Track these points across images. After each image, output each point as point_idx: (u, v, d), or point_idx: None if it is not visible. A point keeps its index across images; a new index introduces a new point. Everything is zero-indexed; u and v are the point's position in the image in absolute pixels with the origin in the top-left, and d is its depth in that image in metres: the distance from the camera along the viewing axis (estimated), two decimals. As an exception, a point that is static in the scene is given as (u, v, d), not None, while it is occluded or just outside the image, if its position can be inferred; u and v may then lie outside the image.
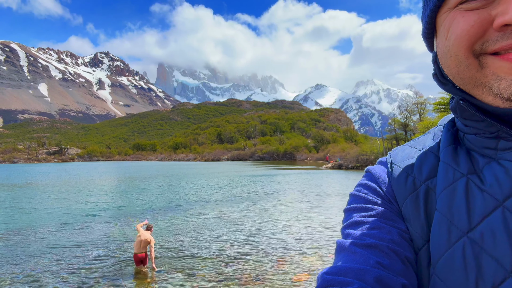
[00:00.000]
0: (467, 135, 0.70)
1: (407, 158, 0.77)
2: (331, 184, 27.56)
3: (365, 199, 0.76)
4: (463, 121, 0.69)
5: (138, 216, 14.43)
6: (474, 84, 0.61)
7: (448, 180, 0.66)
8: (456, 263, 0.59)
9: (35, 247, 10.02)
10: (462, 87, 0.64)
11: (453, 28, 0.60)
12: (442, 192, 0.66)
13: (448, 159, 0.69)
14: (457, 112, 0.70)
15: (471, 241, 0.58)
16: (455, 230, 0.61)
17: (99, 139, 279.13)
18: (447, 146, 0.71)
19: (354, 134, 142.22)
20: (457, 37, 0.60)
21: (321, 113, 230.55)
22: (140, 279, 7.51)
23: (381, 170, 0.80)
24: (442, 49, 0.64)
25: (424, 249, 0.66)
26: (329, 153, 76.38)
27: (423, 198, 0.68)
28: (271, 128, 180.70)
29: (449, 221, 0.62)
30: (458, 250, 0.59)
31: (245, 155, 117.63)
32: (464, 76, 0.62)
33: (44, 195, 22.76)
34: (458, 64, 0.61)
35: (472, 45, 0.58)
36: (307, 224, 12.54)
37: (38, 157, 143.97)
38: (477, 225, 0.59)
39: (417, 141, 0.82)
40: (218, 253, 9.19)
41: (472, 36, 0.58)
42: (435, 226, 0.64)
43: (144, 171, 54.67)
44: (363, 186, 0.80)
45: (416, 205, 0.69)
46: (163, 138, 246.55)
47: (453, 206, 0.63)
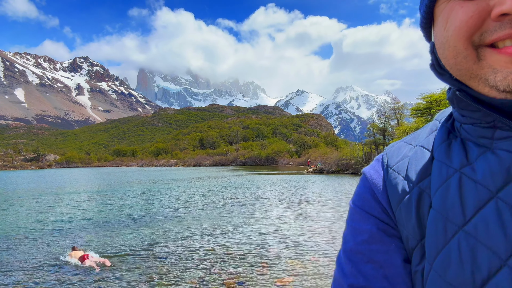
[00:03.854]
0: (464, 125, 0.70)
1: (401, 160, 0.78)
2: (312, 188, 27.97)
3: (360, 214, 0.79)
4: (460, 111, 0.69)
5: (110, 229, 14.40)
6: (471, 75, 0.61)
7: (442, 178, 0.67)
8: (452, 257, 0.60)
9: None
10: (459, 78, 0.65)
11: (451, 19, 0.60)
12: (437, 191, 0.67)
13: (442, 156, 0.70)
14: (454, 103, 0.70)
15: (466, 234, 0.59)
16: (451, 225, 0.62)
17: (78, 145, 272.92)
18: (441, 143, 0.72)
19: (335, 139, 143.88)
20: (456, 28, 0.60)
21: (302, 119, 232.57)
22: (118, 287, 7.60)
23: (376, 174, 0.81)
24: (440, 39, 0.64)
25: (418, 248, 0.69)
26: (311, 158, 77.11)
27: (415, 200, 0.70)
28: (253, 133, 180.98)
29: (445, 217, 0.63)
30: (454, 244, 0.61)
31: (227, 160, 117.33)
32: (461, 67, 0.62)
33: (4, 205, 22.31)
34: (456, 55, 0.61)
35: (471, 36, 0.59)
36: (289, 228, 12.80)
37: (14, 164, 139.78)
38: (471, 218, 0.60)
39: (413, 136, 0.83)
40: (200, 258, 9.26)
41: (471, 27, 0.58)
42: (431, 224, 0.65)
43: (124, 177, 53.96)
44: (358, 196, 0.82)
45: (408, 209, 0.71)
46: (144, 144, 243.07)
47: (447, 203, 0.64)
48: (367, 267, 0.73)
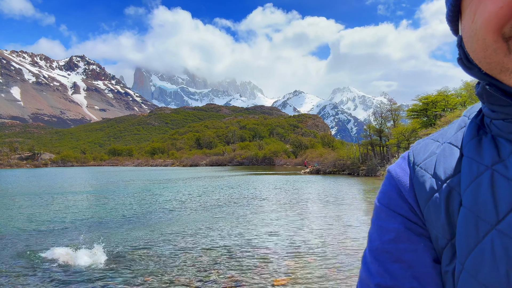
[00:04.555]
0: (494, 121, 0.68)
1: (428, 157, 0.76)
2: (309, 189, 27.96)
3: (386, 213, 0.77)
4: (490, 107, 0.67)
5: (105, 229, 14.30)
6: (501, 69, 0.59)
7: (473, 175, 0.65)
8: (485, 257, 0.58)
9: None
10: (489, 72, 0.63)
11: (480, 11, 0.58)
12: (467, 188, 0.65)
13: (472, 153, 0.68)
14: (483, 98, 0.68)
15: (500, 233, 0.57)
16: (483, 223, 0.60)
17: (73, 144, 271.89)
18: (470, 140, 0.70)
19: (331, 139, 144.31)
20: (484, 20, 0.57)
21: (299, 119, 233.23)
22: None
23: (402, 172, 0.79)
24: (468, 32, 0.62)
25: (448, 247, 0.67)
26: (307, 158, 77.22)
27: (444, 198, 0.68)
28: (250, 133, 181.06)
29: (476, 215, 0.61)
30: (487, 243, 0.59)
31: (224, 160, 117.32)
32: (491, 60, 0.60)
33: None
34: (485, 48, 0.59)
35: (501, 28, 0.56)
36: (286, 229, 12.74)
37: (10, 163, 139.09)
38: (505, 216, 0.58)
39: (441, 133, 0.81)
40: (196, 259, 9.19)
41: (501, 19, 0.56)
42: (461, 223, 0.63)
43: (119, 177, 53.75)
44: (384, 194, 0.80)
45: (437, 207, 0.69)
46: (140, 143, 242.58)
47: (479, 200, 0.62)
48: (395, 266, 0.71)
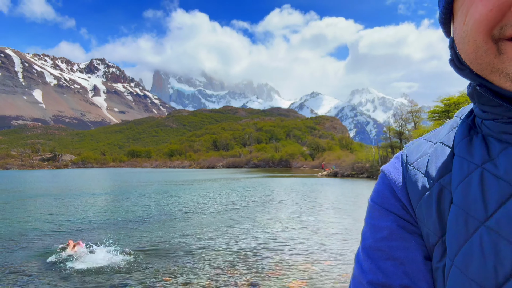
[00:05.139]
0: (485, 121, 0.70)
1: (421, 156, 0.77)
2: (326, 192, 27.47)
3: (379, 211, 0.78)
4: (481, 107, 0.69)
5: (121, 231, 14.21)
6: (492, 69, 0.61)
7: (463, 173, 0.66)
8: (474, 253, 0.60)
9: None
10: (479, 73, 0.64)
11: (471, 13, 0.60)
12: (458, 186, 0.66)
13: (463, 152, 0.69)
14: (474, 98, 0.70)
15: (488, 229, 0.59)
16: (472, 220, 0.61)
17: (93, 145, 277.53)
18: (461, 139, 0.72)
19: (350, 142, 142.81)
20: (475, 22, 0.59)
21: (317, 121, 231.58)
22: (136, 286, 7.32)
23: (395, 171, 0.81)
24: (459, 34, 0.64)
25: (438, 244, 0.68)
26: (325, 161, 76.45)
27: (436, 196, 0.69)
28: (266, 135, 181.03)
29: (466, 213, 0.63)
30: (476, 240, 0.60)
31: (240, 162, 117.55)
32: (481, 61, 0.61)
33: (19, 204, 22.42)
34: (476, 49, 0.61)
35: (491, 29, 0.58)
36: (303, 232, 12.39)
37: (32, 164, 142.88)
38: (493, 213, 0.59)
39: (433, 133, 0.82)
40: (212, 261, 9.00)
41: (491, 21, 0.57)
42: (452, 220, 0.65)
43: (138, 178, 54.27)
44: (377, 193, 0.82)
45: (429, 205, 0.70)
46: (158, 145, 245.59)
47: (469, 198, 0.63)
48: (387, 263, 0.72)
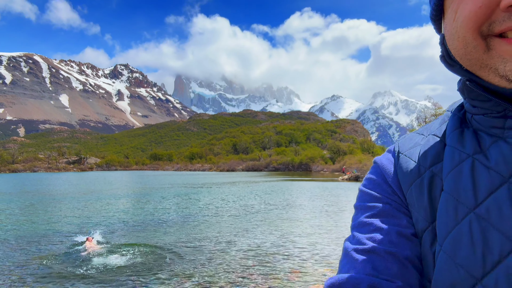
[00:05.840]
0: (475, 116, 0.71)
1: (413, 146, 0.79)
2: (347, 196, 27.07)
3: (370, 195, 0.80)
4: (471, 102, 0.70)
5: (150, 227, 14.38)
6: (481, 65, 0.62)
7: (454, 162, 0.68)
8: (463, 239, 0.61)
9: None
10: (469, 68, 0.65)
11: (460, 10, 0.61)
12: (448, 174, 0.67)
13: (454, 142, 0.71)
14: (464, 93, 0.71)
15: (478, 217, 0.60)
16: (462, 207, 0.63)
17: (117, 149, 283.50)
18: (453, 131, 0.73)
19: (371, 145, 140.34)
20: (465, 18, 0.60)
21: (337, 124, 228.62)
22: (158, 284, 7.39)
23: (387, 161, 0.83)
24: (449, 30, 0.65)
25: (428, 230, 0.69)
26: (346, 165, 75.39)
27: (427, 182, 0.71)
28: (286, 139, 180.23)
29: (456, 199, 0.64)
30: (465, 226, 0.61)
31: (260, 166, 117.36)
32: (471, 57, 0.63)
33: (50, 204, 23.02)
34: (466, 45, 0.62)
35: (480, 26, 0.59)
36: (322, 237, 12.24)
37: (58, 166, 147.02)
38: (483, 201, 0.60)
39: (425, 127, 0.84)
40: (230, 264, 9.01)
41: (480, 17, 0.59)
42: (442, 206, 0.66)
43: (160, 180, 55.03)
44: (368, 180, 0.84)
45: (420, 190, 0.71)
46: (179, 148, 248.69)
47: (459, 186, 0.64)
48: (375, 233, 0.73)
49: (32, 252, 10.43)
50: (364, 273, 0.67)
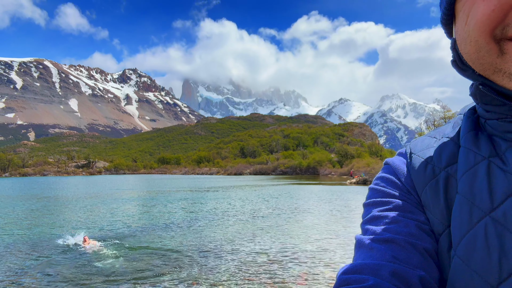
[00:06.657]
0: (488, 121, 0.69)
1: (426, 148, 0.77)
2: (356, 200, 26.85)
3: (384, 192, 0.76)
4: (484, 107, 0.69)
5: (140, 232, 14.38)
6: (494, 70, 0.60)
7: (469, 163, 0.66)
8: (478, 244, 0.58)
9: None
10: (482, 73, 0.64)
11: (473, 13, 0.59)
12: (463, 176, 0.65)
13: (469, 144, 0.69)
14: (477, 98, 0.69)
15: (494, 221, 0.58)
16: (477, 210, 0.60)
17: (125, 152, 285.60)
18: (467, 132, 0.71)
19: (379, 149, 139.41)
20: (477, 22, 0.58)
21: (345, 128, 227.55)
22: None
23: (399, 161, 0.80)
24: (461, 34, 0.64)
25: (445, 234, 0.66)
26: (354, 168, 74.94)
27: (443, 184, 0.68)
28: (294, 142, 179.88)
29: (471, 202, 0.62)
30: (480, 230, 0.59)
31: (267, 169, 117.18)
32: (484, 61, 0.61)
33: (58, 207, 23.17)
34: (478, 50, 0.60)
35: (493, 30, 0.58)
36: (330, 241, 12.12)
37: (67, 170, 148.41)
38: (499, 205, 0.58)
39: (437, 131, 0.82)
40: (239, 266, 8.96)
41: (493, 21, 0.57)
42: (456, 209, 0.64)
43: (168, 184, 55.19)
44: (381, 179, 0.80)
45: (435, 192, 0.69)
46: (187, 152, 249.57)
47: (474, 188, 0.62)
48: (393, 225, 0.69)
49: (34, 254, 10.47)
50: (385, 260, 0.64)
